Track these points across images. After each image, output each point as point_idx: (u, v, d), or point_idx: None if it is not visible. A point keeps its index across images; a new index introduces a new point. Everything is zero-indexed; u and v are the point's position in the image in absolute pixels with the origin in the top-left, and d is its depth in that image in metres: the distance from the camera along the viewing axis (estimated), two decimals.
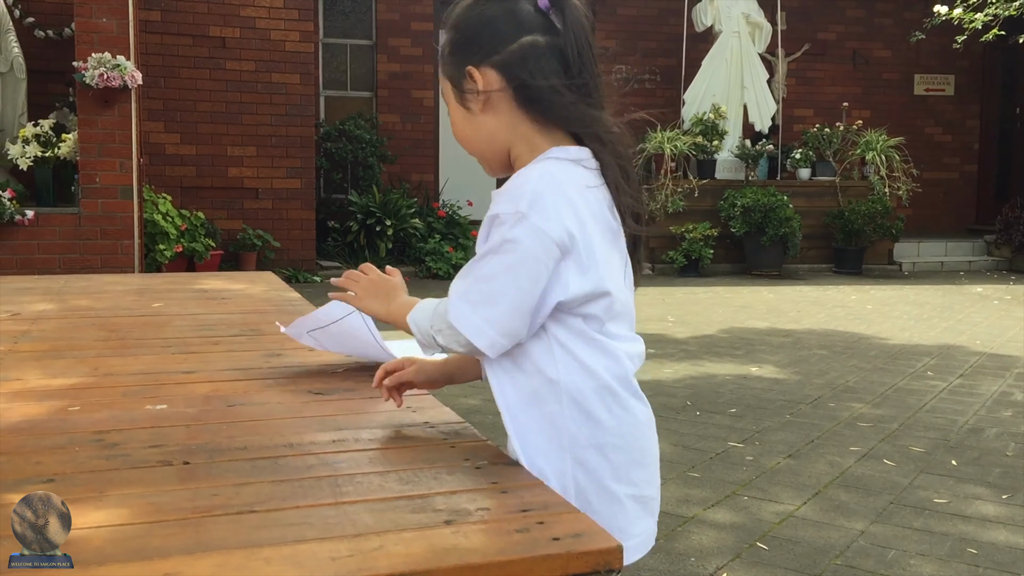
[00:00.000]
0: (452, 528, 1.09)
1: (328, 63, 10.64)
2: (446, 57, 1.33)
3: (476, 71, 1.29)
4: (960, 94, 12.37)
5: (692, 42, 10.58)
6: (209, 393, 1.74)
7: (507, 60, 1.28)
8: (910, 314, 7.00)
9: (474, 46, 1.29)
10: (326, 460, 1.37)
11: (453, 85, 1.32)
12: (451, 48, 1.32)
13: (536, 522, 1.11)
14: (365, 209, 9.15)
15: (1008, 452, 3.50)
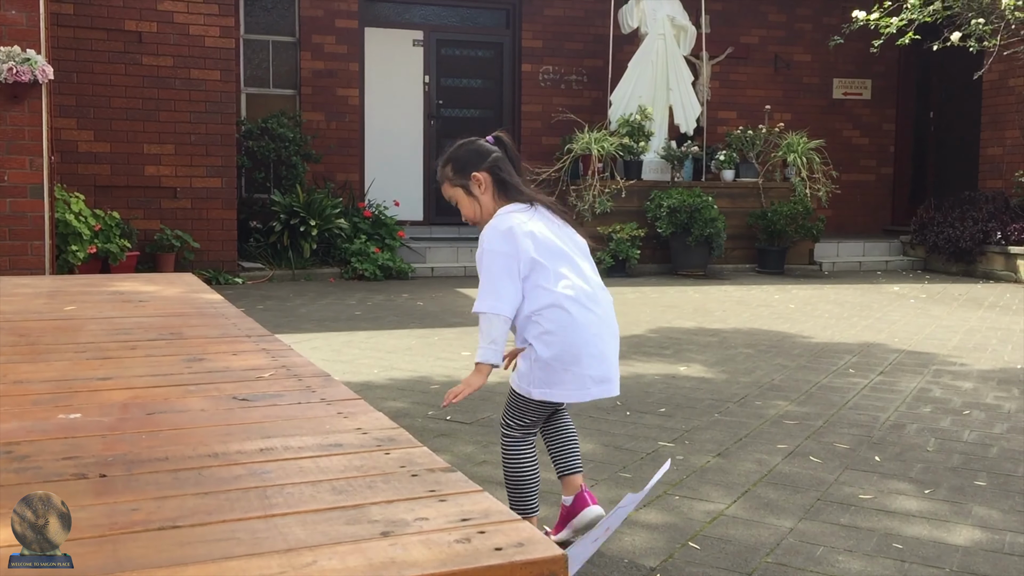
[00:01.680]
0: (389, 540, 1.04)
1: (250, 59, 10.43)
2: (453, 176, 2.56)
3: (478, 174, 2.54)
4: (877, 98, 12.72)
5: (618, 44, 10.65)
6: (127, 401, 1.66)
7: (489, 166, 2.55)
8: (831, 313, 7.15)
9: (470, 164, 2.56)
10: (254, 470, 1.30)
11: (463, 188, 2.55)
12: (455, 169, 2.57)
13: (477, 531, 1.07)
14: (288, 209, 8.99)
15: (929, 448, 3.58)
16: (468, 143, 2.60)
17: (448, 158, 2.58)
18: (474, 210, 2.54)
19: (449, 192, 2.57)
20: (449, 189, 2.56)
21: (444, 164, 2.59)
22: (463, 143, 2.61)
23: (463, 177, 2.53)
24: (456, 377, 4.69)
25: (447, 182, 2.57)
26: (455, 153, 2.58)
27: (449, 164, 2.57)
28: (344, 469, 1.31)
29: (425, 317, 6.73)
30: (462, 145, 2.60)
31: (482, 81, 11.54)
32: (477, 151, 2.56)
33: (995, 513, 2.87)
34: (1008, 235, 9.51)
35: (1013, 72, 10.30)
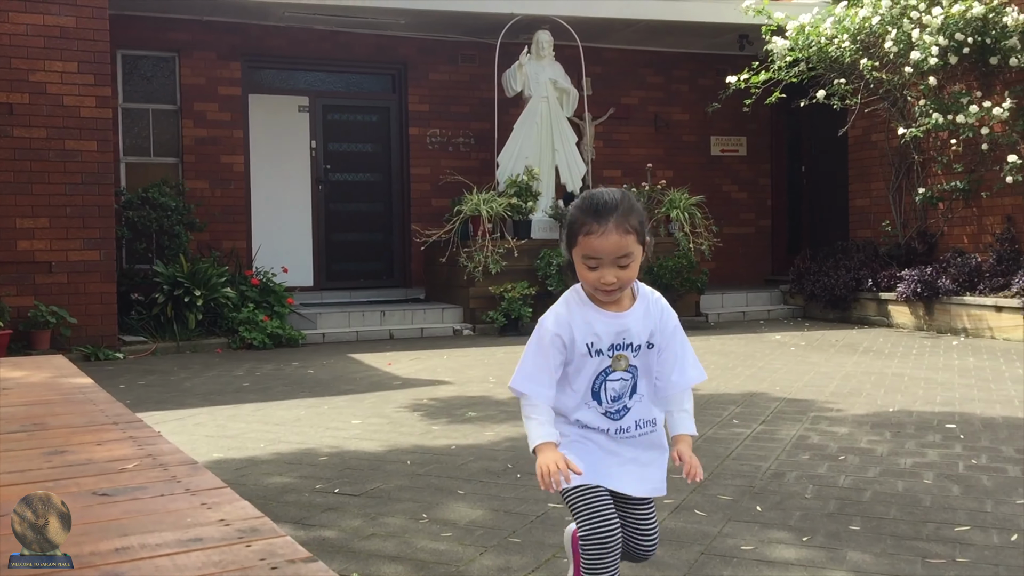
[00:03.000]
0: None
1: (129, 128, 10.24)
2: (641, 228, 2.17)
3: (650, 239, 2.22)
4: (752, 154, 13.28)
5: (503, 106, 10.87)
6: None
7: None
8: (717, 363, 7.34)
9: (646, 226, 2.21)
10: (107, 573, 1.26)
11: (643, 248, 2.18)
12: (643, 224, 2.18)
13: None
14: (172, 279, 8.77)
15: (807, 495, 3.70)
16: (630, 194, 2.24)
17: (632, 207, 2.17)
18: (635, 275, 2.19)
19: (629, 247, 2.13)
20: (632, 244, 2.13)
21: (627, 213, 2.14)
22: (628, 195, 2.21)
23: (645, 235, 2.18)
24: (346, 448, 4.63)
25: (633, 235, 2.13)
26: (638, 206, 2.20)
27: (638, 215, 2.17)
28: (202, 566, 1.28)
29: (316, 386, 6.63)
30: (631, 198, 2.21)
31: (370, 145, 11.59)
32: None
33: (868, 557, 2.98)
34: (879, 282, 9.99)
35: (875, 128, 10.92)
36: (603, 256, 2.13)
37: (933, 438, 4.65)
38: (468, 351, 8.44)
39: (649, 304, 2.26)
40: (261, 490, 3.87)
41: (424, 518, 3.46)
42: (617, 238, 2.11)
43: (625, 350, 2.24)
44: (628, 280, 2.16)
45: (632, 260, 2.14)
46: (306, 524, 3.41)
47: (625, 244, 2.12)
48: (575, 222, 2.17)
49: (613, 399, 2.25)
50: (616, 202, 2.14)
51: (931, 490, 3.73)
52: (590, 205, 2.15)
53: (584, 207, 2.17)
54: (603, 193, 2.18)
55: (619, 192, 2.19)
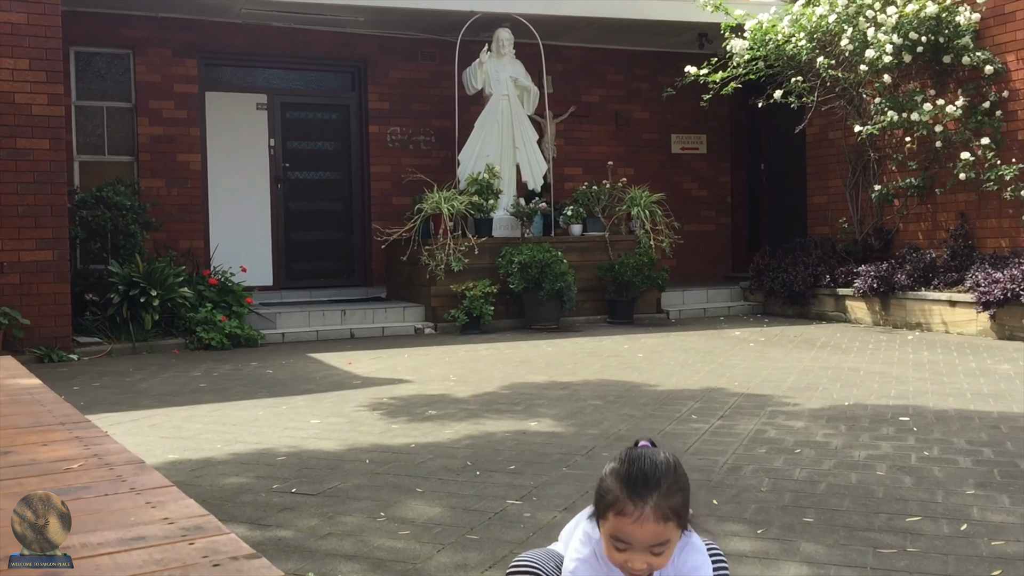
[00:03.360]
0: None
1: (83, 127, 10.08)
2: (684, 511, 1.84)
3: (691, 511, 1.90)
4: (712, 152, 13.38)
5: (464, 104, 10.85)
6: None
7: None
8: (677, 360, 7.39)
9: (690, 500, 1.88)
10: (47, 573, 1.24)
11: (684, 527, 1.87)
12: (686, 506, 1.85)
13: None
14: (127, 280, 8.65)
15: (763, 488, 3.74)
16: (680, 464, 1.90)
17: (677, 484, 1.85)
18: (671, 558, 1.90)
19: (667, 535, 1.82)
20: (671, 531, 1.83)
21: (671, 492, 1.82)
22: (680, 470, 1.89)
23: (686, 513, 1.88)
24: (304, 448, 4.60)
25: (674, 520, 1.82)
26: (684, 482, 1.88)
27: (681, 496, 1.84)
28: (143, 564, 1.26)
29: (274, 385, 6.57)
30: (682, 472, 1.89)
31: (330, 143, 11.51)
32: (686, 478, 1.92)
33: (821, 548, 3.01)
34: (836, 278, 10.12)
35: (832, 126, 11.05)
36: (634, 543, 1.82)
37: (887, 431, 4.72)
38: (430, 350, 8.42)
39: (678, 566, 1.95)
40: (217, 491, 3.82)
41: (382, 516, 3.45)
42: (654, 527, 1.79)
43: None
44: (661, 567, 1.87)
45: (670, 544, 1.84)
46: (262, 524, 3.38)
47: (663, 532, 1.80)
48: (608, 493, 1.84)
49: None
50: (659, 478, 1.81)
51: (884, 482, 3.78)
52: (628, 475, 1.82)
53: (623, 475, 1.84)
54: (647, 460, 1.84)
55: (666, 461, 1.86)
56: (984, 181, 9.08)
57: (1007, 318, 8.19)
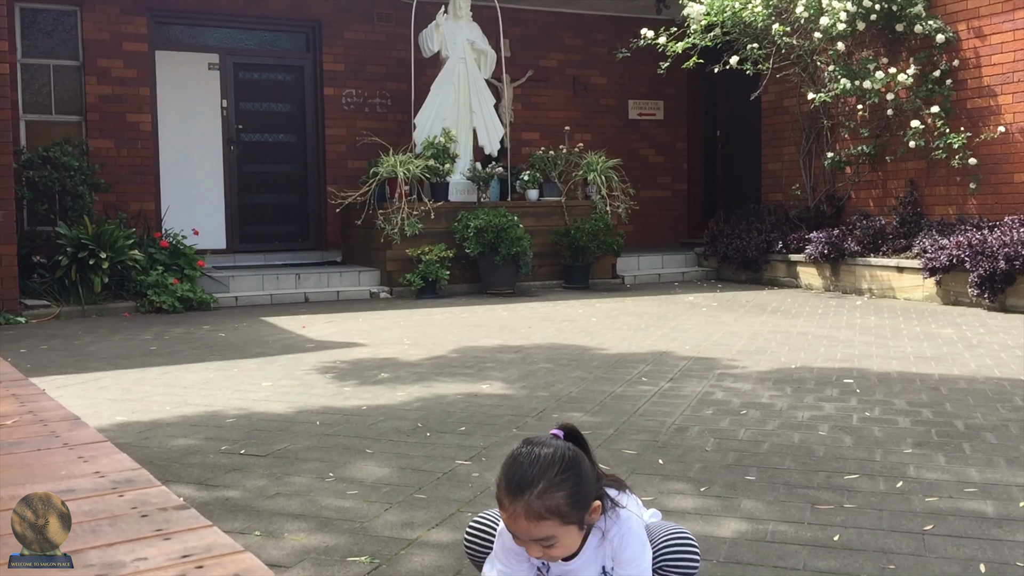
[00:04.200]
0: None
1: (29, 85, 9.84)
2: (569, 512, 1.83)
3: (597, 504, 1.89)
4: (669, 118, 13.42)
5: (420, 67, 10.76)
6: None
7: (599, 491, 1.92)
8: (630, 324, 7.46)
9: (589, 493, 1.88)
10: None
11: (578, 523, 1.86)
12: (573, 503, 1.83)
13: (195, 567, 1.06)
14: (76, 242, 8.51)
15: (708, 448, 3.80)
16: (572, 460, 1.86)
17: (553, 485, 1.81)
18: (570, 550, 1.90)
19: (546, 532, 1.81)
20: (553, 528, 1.81)
21: (548, 494, 1.80)
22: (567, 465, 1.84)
23: (582, 509, 1.85)
24: (253, 410, 4.58)
25: (553, 520, 1.81)
26: (567, 478, 1.83)
27: (561, 494, 1.81)
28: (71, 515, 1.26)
29: (226, 349, 6.53)
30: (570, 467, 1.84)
31: (284, 105, 11.36)
32: (587, 471, 1.89)
33: (761, 505, 3.08)
34: (788, 244, 10.24)
35: (787, 93, 11.13)
36: (518, 535, 1.86)
37: (831, 392, 4.81)
38: (384, 314, 8.41)
39: (602, 542, 1.98)
40: (164, 452, 3.81)
41: (330, 477, 3.46)
42: (526, 524, 1.80)
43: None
44: (562, 555, 1.88)
45: (557, 540, 1.84)
46: (209, 485, 3.37)
47: (539, 529, 1.80)
48: (496, 486, 1.89)
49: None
50: (533, 478, 1.80)
51: (825, 441, 3.87)
52: (506, 473, 1.85)
53: (503, 472, 1.87)
54: (528, 458, 1.84)
55: (550, 459, 1.83)
56: (933, 149, 9.23)
57: (952, 284, 8.37)
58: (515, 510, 1.80)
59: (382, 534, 2.86)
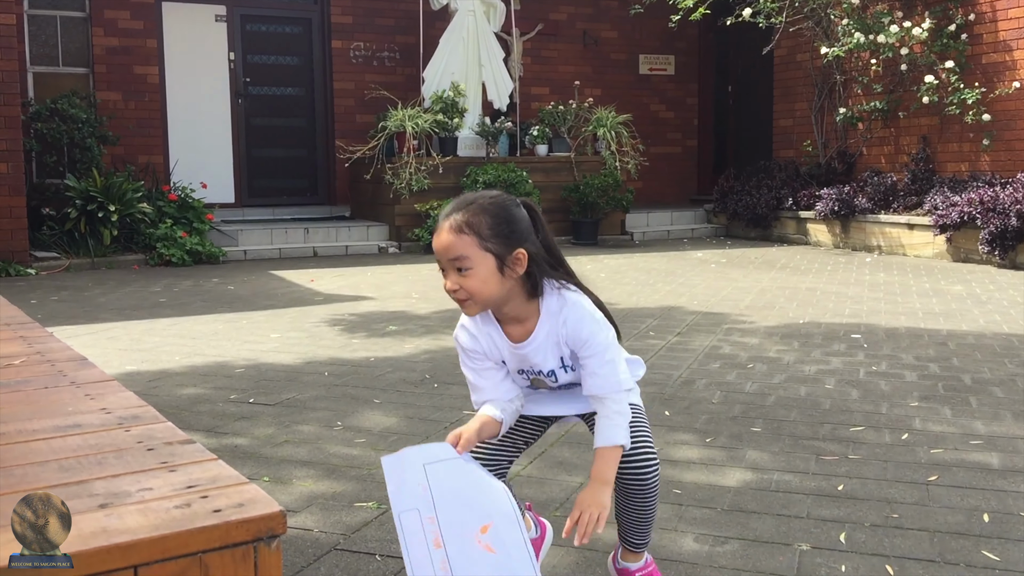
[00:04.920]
0: (106, 511, 1.02)
1: (36, 36, 9.78)
2: (491, 236, 1.85)
3: (522, 252, 1.87)
4: (680, 73, 13.28)
5: (429, 20, 10.64)
6: None
7: (533, 248, 1.90)
8: (638, 280, 7.45)
9: (516, 235, 1.87)
10: None
11: (496, 259, 1.85)
12: (495, 230, 1.85)
13: (200, 496, 1.07)
14: (84, 194, 8.51)
15: (714, 400, 3.81)
16: (508, 201, 1.91)
17: (482, 208, 1.87)
18: (485, 289, 1.87)
19: (461, 250, 1.84)
20: (468, 247, 1.84)
21: (474, 212, 1.86)
22: (500, 201, 1.90)
23: (504, 245, 1.86)
24: (263, 361, 4.60)
25: (471, 237, 1.84)
26: (497, 209, 1.88)
27: (486, 217, 1.86)
28: (77, 448, 1.27)
29: (235, 301, 6.55)
30: (502, 204, 1.89)
31: (291, 58, 11.27)
32: (521, 220, 1.91)
33: (766, 456, 3.09)
34: (799, 201, 10.18)
35: (800, 48, 10.99)
36: (440, 258, 1.89)
37: (838, 347, 4.81)
38: (392, 268, 8.41)
39: (555, 326, 1.95)
40: (173, 400, 3.84)
41: (338, 426, 3.48)
42: (447, 236, 1.85)
43: (538, 375, 2.03)
44: (475, 293, 1.86)
45: (472, 266, 1.85)
46: (218, 432, 3.40)
47: (456, 246, 1.84)
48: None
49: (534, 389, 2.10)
50: (466, 201, 1.89)
51: (831, 394, 3.87)
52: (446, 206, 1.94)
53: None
54: (471, 193, 1.94)
55: (487, 193, 1.94)
56: (947, 105, 9.12)
57: (963, 241, 8.32)
58: (441, 227, 1.87)
59: None
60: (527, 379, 2.05)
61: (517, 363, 2.01)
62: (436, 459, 1.83)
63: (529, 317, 1.97)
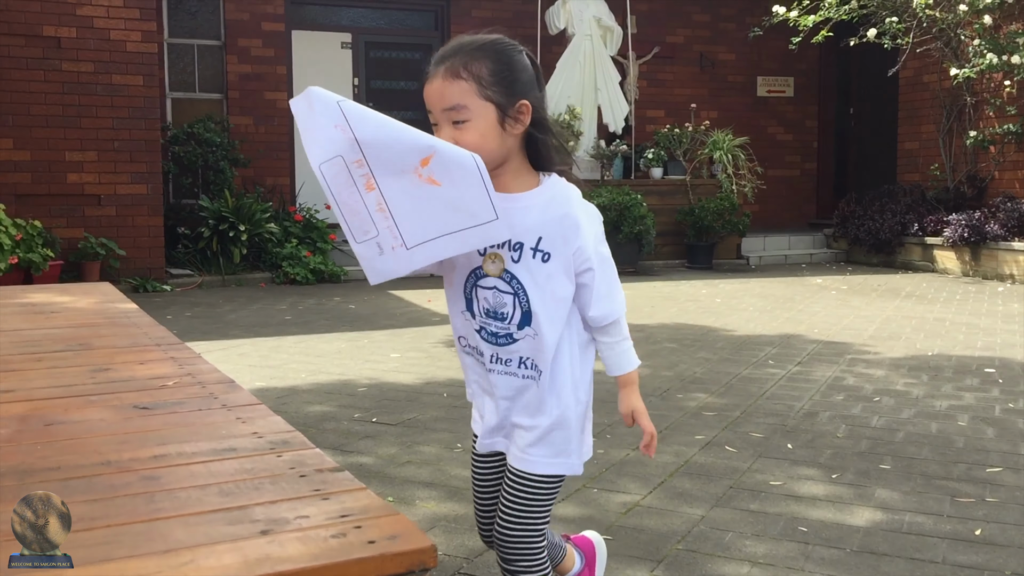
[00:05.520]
0: (267, 538, 1.08)
1: (175, 64, 10.30)
2: (492, 82, 1.61)
3: (526, 104, 1.63)
4: (799, 95, 13.02)
5: (546, 44, 10.75)
6: (26, 413, 1.67)
7: (536, 103, 1.66)
8: (755, 306, 7.32)
9: (519, 84, 1.63)
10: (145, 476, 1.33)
11: (496, 108, 1.61)
12: (497, 76, 1.61)
13: (353, 526, 1.11)
14: (217, 214, 8.90)
15: (839, 434, 3.71)
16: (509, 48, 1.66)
17: (481, 51, 1.62)
18: (484, 144, 1.60)
19: (456, 98, 1.60)
20: (465, 95, 1.60)
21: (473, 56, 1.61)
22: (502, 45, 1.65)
23: (507, 94, 1.62)
24: (384, 380, 4.72)
25: (468, 82, 1.60)
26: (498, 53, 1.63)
27: (486, 61, 1.62)
28: (234, 472, 1.34)
29: (356, 320, 6.73)
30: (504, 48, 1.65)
31: (412, 83, 11.54)
32: (523, 67, 1.66)
33: (896, 495, 2.99)
34: (924, 226, 9.83)
35: (927, 69, 10.64)
36: (432, 109, 1.64)
37: (971, 382, 4.62)
38: None
39: (553, 198, 1.68)
40: (301, 417, 3.97)
41: (458, 447, 3.54)
42: (443, 83, 1.60)
43: (501, 248, 1.67)
44: (472, 148, 1.55)
45: (470, 118, 1.60)
46: (344, 450, 3.50)
47: (452, 94, 1.59)
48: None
49: (487, 314, 1.72)
50: (463, 43, 1.63)
51: (965, 432, 3.72)
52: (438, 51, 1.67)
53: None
54: (463, 36, 1.67)
55: (486, 36, 1.67)
56: None
57: None
58: (435, 73, 1.62)
59: None
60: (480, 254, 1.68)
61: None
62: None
63: (520, 182, 1.69)
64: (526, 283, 1.68)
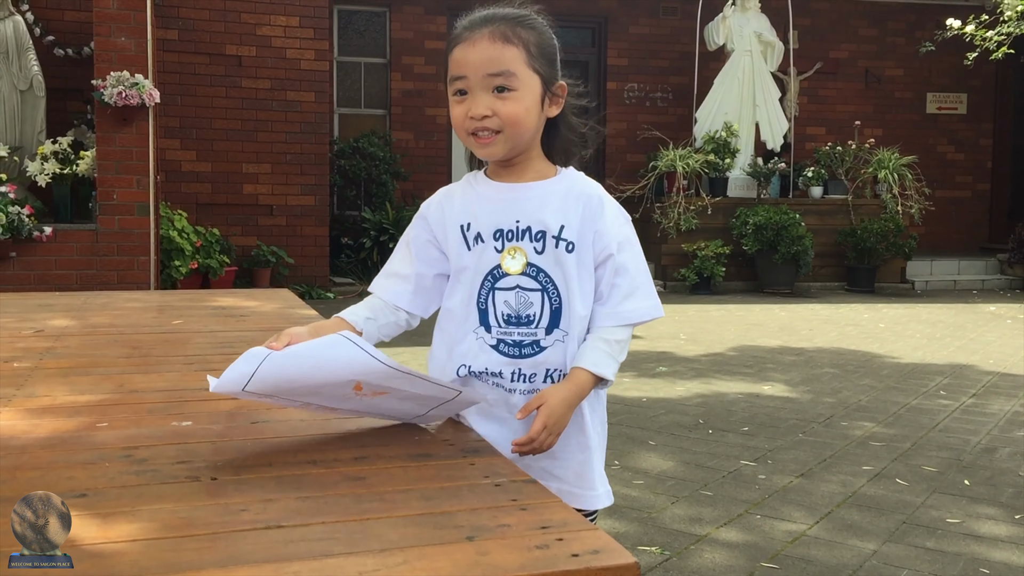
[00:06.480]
0: (474, 544, 1.12)
1: (342, 81, 10.74)
2: (537, 51, 1.48)
3: (563, 86, 1.52)
4: (973, 113, 12.37)
5: (704, 60, 10.63)
6: (233, 410, 1.78)
7: (571, 88, 1.55)
8: (923, 333, 6.99)
9: (558, 63, 1.53)
10: (349, 476, 1.40)
11: (542, 82, 1.49)
12: (543, 51, 1.49)
13: (556, 538, 1.14)
14: (378, 226, 9.21)
15: (1021, 472, 3.51)
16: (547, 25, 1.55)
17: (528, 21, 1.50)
18: (527, 119, 1.48)
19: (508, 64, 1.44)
20: (516, 63, 1.45)
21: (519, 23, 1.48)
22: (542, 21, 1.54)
23: (550, 70, 1.51)
24: None
25: (519, 49, 1.46)
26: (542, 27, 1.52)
27: (532, 32, 1.49)
28: (432, 478, 1.39)
29: None
30: (545, 25, 1.54)
31: None
32: (558, 48, 1.56)
33: None
34: None
35: None
36: (469, 74, 1.45)
37: None
38: None
39: (575, 184, 1.57)
40: None
41: (616, 464, 3.54)
42: (488, 45, 1.44)
43: (521, 239, 1.51)
44: (514, 122, 1.45)
45: (517, 87, 1.45)
46: None
47: (502, 58, 1.43)
48: (452, 35, 1.51)
49: (507, 320, 1.53)
50: (504, 12, 1.48)
51: None
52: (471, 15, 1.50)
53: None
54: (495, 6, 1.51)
55: (518, 8, 1.52)
56: None
57: None
58: (478, 35, 1.45)
59: (670, 527, 2.89)
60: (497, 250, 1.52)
61: (499, 213, 1.53)
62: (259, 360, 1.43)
63: (536, 171, 1.56)
64: (555, 275, 1.51)
